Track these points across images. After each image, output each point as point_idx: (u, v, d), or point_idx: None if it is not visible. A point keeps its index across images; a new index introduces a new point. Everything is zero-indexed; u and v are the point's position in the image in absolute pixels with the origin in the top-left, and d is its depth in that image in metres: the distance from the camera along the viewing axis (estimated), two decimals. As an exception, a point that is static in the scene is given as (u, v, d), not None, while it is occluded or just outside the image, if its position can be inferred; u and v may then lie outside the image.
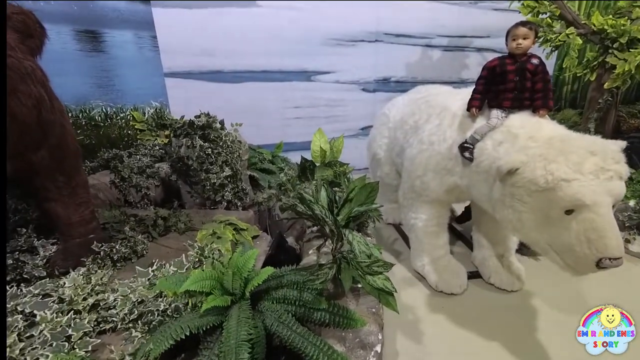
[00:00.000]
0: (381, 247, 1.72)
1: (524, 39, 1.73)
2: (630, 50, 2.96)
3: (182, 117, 2.63)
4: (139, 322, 1.29)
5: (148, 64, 3.35)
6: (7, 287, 1.42)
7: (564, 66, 4.04)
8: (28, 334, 1.22)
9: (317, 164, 2.16)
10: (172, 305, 1.29)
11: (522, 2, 3.42)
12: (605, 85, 3.16)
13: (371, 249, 1.34)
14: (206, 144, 2.57)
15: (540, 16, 3.42)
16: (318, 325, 1.41)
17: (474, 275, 2.36)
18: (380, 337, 1.42)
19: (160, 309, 1.29)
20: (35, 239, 1.76)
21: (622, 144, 1.44)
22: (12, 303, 1.32)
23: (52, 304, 1.32)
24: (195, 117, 2.67)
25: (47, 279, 1.51)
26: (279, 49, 3.83)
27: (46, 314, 1.26)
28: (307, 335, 1.29)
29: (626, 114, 4.08)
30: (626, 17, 3.25)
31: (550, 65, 4.55)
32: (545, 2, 3.28)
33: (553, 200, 1.36)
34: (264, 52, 3.79)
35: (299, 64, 4.00)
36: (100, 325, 1.29)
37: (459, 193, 2.06)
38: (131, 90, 3.33)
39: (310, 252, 1.81)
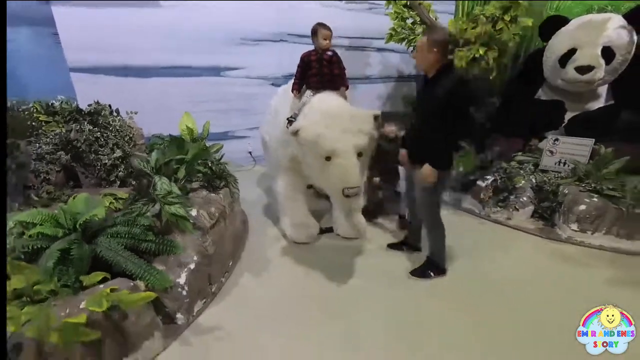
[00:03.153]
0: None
1: (325, 39, 2.30)
2: (461, 49, 3.68)
3: (71, 104, 2.91)
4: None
5: (50, 59, 3.57)
6: None
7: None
8: None
9: (187, 141, 2.58)
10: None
11: (390, 8, 4.08)
12: (452, 78, 3.88)
13: (171, 187, 1.79)
14: (95, 128, 2.88)
15: (406, 21, 4.10)
16: (148, 254, 1.82)
17: (328, 230, 2.90)
18: (195, 259, 1.87)
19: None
20: None
21: (375, 112, 2.02)
22: None
23: None
24: (88, 105, 2.98)
25: None
26: (184, 46, 4.19)
27: None
28: (131, 257, 1.71)
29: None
30: (476, 23, 4.00)
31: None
32: (405, 9, 3.96)
33: (318, 151, 1.89)
34: (169, 49, 4.13)
35: (207, 60, 4.38)
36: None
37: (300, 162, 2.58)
38: (34, 85, 3.52)
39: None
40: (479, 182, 3.25)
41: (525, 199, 3.06)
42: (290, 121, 2.32)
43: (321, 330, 1.88)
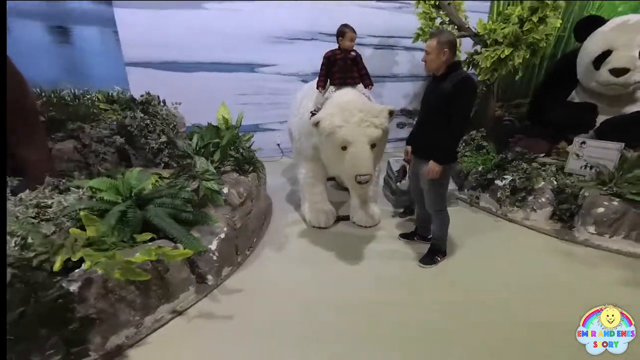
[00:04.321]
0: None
1: (352, 40, 2.51)
2: (487, 50, 3.70)
3: (126, 94, 3.36)
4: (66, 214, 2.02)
5: (110, 54, 4.08)
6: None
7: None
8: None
9: (222, 128, 2.91)
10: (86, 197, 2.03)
11: (419, 8, 4.16)
12: (479, 78, 3.91)
13: (209, 166, 2.10)
14: (146, 116, 3.31)
15: (434, 21, 4.17)
16: (186, 223, 2.15)
17: (345, 217, 3.12)
18: (225, 230, 2.17)
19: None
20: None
21: (390, 107, 2.19)
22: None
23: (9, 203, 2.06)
24: (140, 96, 3.41)
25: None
26: (224, 44, 4.57)
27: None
28: (173, 224, 2.04)
29: (503, 106, 4.89)
30: (506, 23, 3.98)
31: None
32: (434, 9, 4.02)
33: (335, 141, 2.11)
34: (211, 46, 4.53)
35: (243, 57, 4.74)
36: (39, 216, 2.03)
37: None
38: (96, 77, 4.06)
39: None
40: (497, 181, 3.29)
41: (543, 200, 3.07)
42: (313, 114, 2.55)
43: (331, 296, 2.12)
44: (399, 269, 2.46)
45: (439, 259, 2.46)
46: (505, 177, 3.22)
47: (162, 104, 3.56)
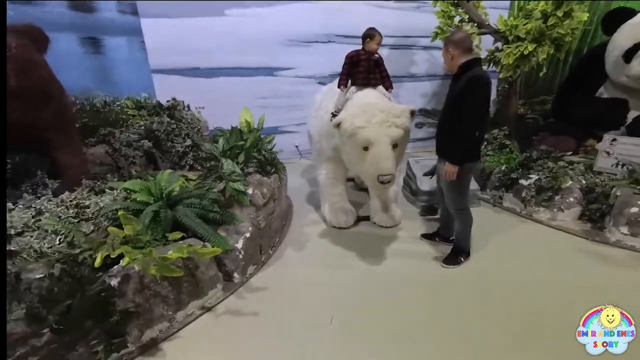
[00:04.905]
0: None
1: (378, 44, 2.55)
2: (509, 46, 3.62)
3: (152, 100, 3.52)
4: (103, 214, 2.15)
5: (138, 63, 4.28)
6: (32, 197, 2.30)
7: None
8: (37, 218, 2.10)
9: (244, 131, 3.00)
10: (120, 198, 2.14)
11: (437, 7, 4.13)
12: (500, 76, 3.83)
13: (235, 168, 2.17)
14: (172, 120, 3.45)
15: (453, 19, 4.12)
16: (213, 222, 2.23)
17: (365, 218, 3.13)
18: (250, 230, 2.24)
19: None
20: (47, 178, 2.66)
21: (411, 107, 2.20)
22: (31, 206, 2.20)
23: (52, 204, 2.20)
24: (167, 101, 3.56)
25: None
26: (244, 49, 4.69)
27: (50, 206, 2.14)
28: (202, 224, 2.12)
29: (526, 103, 4.75)
30: (528, 18, 3.89)
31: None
32: (453, 7, 3.98)
33: (356, 141, 2.14)
34: (231, 52, 4.66)
35: (262, 61, 4.85)
36: (79, 216, 2.16)
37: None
38: (125, 84, 4.26)
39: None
40: (522, 181, 3.22)
41: (571, 199, 2.98)
42: (334, 115, 2.59)
43: (352, 296, 2.15)
44: (421, 269, 2.45)
45: (462, 259, 2.43)
46: (530, 176, 3.15)
47: (186, 108, 3.70)
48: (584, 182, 3.00)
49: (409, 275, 2.38)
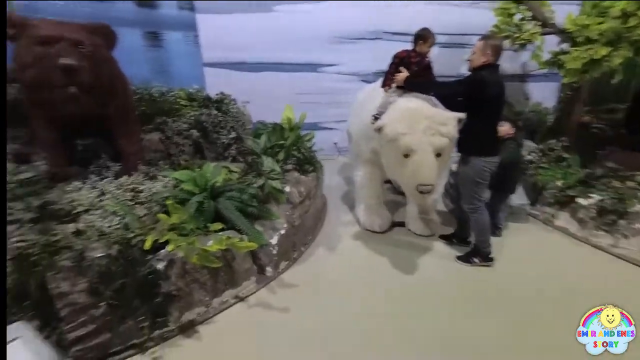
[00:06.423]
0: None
1: (432, 46, 2.47)
2: (577, 49, 3.26)
3: (202, 92, 3.72)
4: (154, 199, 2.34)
5: (191, 56, 4.53)
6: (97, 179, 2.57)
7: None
8: (100, 199, 2.34)
9: (286, 129, 3.06)
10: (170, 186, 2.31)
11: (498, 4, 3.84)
12: (564, 80, 3.48)
13: (274, 165, 2.23)
14: (219, 113, 3.62)
15: (513, 17, 3.80)
16: (251, 216, 2.33)
17: (400, 224, 3.06)
18: (285, 226, 2.30)
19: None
20: (110, 161, 2.95)
21: (459, 115, 2.09)
22: (96, 187, 2.46)
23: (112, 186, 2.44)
24: (215, 95, 3.74)
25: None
26: (290, 45, 4.76)
27: (110, 188, 2.37)
28: (240, 217, 2.22)
29: (592, 111, 4.26)
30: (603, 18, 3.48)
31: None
32: (513, 4, 3.67)
33: (397, 147, 2.08)
34: (278, 48, 4.74)
35: (307, 57, 4.88)
36: (134, 199, 2.37)
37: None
38: (178, 75, 4.54)
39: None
40: (580, 200, 2.93)
41: (639, 226, 2.66)
42: (375, 118, 2.54)
43: (382, 301, 2.13)
44: (455, 282, 2.35)
45: (476, 260, 2.46)
46: (592, 195, 2.85)
47: (233, 102, 3.86)
48: (657, 206, 2.65)
49: (441, 288, 2.30)
